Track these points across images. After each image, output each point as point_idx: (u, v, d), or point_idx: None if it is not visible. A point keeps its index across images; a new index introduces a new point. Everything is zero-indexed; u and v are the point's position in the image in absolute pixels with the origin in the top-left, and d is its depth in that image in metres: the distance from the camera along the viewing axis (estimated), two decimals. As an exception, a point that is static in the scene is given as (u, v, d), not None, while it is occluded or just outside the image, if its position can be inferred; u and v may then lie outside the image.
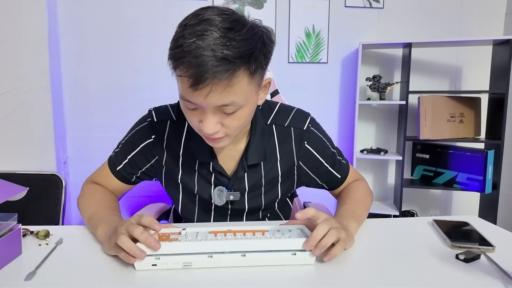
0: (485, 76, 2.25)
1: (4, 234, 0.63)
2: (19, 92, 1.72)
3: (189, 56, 0.61)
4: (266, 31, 0.70)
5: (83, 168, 2.14)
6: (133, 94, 2.15)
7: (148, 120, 0.88)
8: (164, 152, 0.87)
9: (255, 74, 0.67)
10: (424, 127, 2.13)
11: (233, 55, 0.61)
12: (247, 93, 0.68)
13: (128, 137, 0.91)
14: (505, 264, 0.61)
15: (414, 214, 2.39)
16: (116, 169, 0.90)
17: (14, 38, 1.70)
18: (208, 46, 0.61)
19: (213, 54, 0.61)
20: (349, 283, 0.58)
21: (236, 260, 0.61)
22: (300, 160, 0.89)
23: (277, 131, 0.87)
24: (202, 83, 0.62)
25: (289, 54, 2.28)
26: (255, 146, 0.83)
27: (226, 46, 0.61)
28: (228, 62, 0.61)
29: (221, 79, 0.62)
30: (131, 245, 0.60)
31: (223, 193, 0.86)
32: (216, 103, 0.65)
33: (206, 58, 0.60)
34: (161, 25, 2.13)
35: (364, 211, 0.86)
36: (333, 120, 2.38)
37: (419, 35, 2.30)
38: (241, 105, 0.68)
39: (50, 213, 1.45)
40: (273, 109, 0.89)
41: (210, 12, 0.65)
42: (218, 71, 0.61)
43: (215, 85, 0.62)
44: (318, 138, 0.90)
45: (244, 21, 0.66)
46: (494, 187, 2.13)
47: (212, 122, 0.68)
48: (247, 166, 0.85)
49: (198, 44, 0.61)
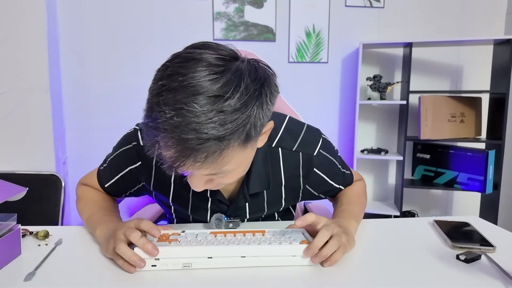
0: (486, 76, 2.24)
1: (3, 235, 0.63)
2: (19, 92, 1.72)
3: (165, 135, 0.51)
4: (267, 79, 0.57)
5: (83, 168, 2.12)
6: (132, 94, 2.15)
7: (133, 144, 0.77)
8: (152, 178, 0.79)
9: (250, 140, 0.57)
10: (425, 127, 2.12)
11: (221, 135, 0.51)
12: (240, 160, 0.59)
13: (113, 156, 0.82)
14: (506, 264, 0.61)
15: (414, 214, 2.39)
16: (105, 186, 0.86)
17: (14, 38, 1.70)
18: (189, 125, 0.50)
19: (195, 136, 0.50)
20: (349, 283, 0.57)
21: (235, 261, 0.61)
22: (307, 184, 0.83)
23: (283, 155, 0.78)
24: (182, 167, 0.54)
25: (289, 54, 2.27)
26: (257, 174, 0.75)
27: (212, 122, 0.50)
28: (215, 143, 0.51)
29: (205, 162, 0.53)
30: (131, 254, 0.58)
31: (222, 222, 0.77)
32: (202, 173, 0.58)
33: (186, 141, 0.50)
34: (161, 25, 2.13)
35: (361, 210, 0.85)
36: (333, 120, 2.38)
37: (419, 35, 2.30)
38: (234, 169, 0.60)
39: (49, 213, 1.45)
40: (279, 130, 0.78)
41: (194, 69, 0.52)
42: (201, 154, 0.51)
43: (197, 168, 0.54)
44: (328, 161, 0.83)
45: (238, 79, 0.52)
46: (495, 187, 2.12)
47: (200, 184, 0.61)
48: (249, 196, 0.77)
49: (177, 122, 0.50)
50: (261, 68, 0.58)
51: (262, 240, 0.64)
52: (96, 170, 0.90)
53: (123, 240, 0.61)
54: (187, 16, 2.14)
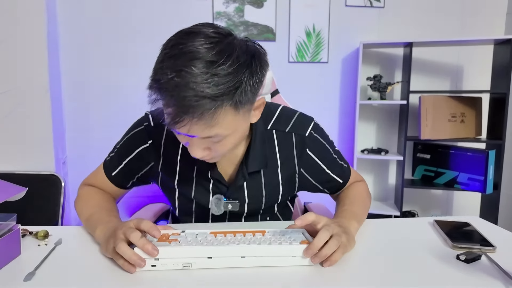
0: (486, 75, 2.24)
1: (3, 235, 0.63)
2: (19, 92, 1.72)
3: (167, 94, 0.59)
4: (257, 53, 0.65)
5: (82, 168, 2.13)
6: (132, 94, 2.15)
7: (145, 124, 0.84)
8: (161, 158, 0.85)
9: (242, 106, 0.64)
10: (425, 127, 2.12)
11: (215, 94, 0.58)
12: (233, 125, 0.65)
13: (123, 141, 0.88)
14: (506, 264, 0.61)
15: (415, 214, 2.39)
16: (112, 175, 0.89)
17: (13, 38, 1.70)
18: (187, 84, 0.58)
19: (193, 94, 0.58)
20: (349, 283, 0.57)
21: (235, 261, 0.61)
22: (302, 167, 0.87)
23: (277, 137, 0.84)
24: (180, 122, 0.61)
25: (289, 54, 2.27)
26: (255, 153, 0.81)
27: (207, 83, 0.58)
28: (210, 101, 0.59)
29: (201, 118, 0.60)
30: (131, 254, 0.59)
31: (221, 201, 0.83)
32: (200, 135, 0.64)
33: (184, 98, 0.58)
34: (161, 25, 2.13)
35: (364, 211, 0.85)
36: (333, 120, 2.38)
37: (420, 35, 2.30)
38: (228, 135, 0.66)
39: (49, 213, 1.45)
40: (274, 114, 0.85)
41: (193, 40, 0.60)
42: (197, 111, 0.59)
43: (195, 124, 0.61)
44: (320, 144, 0.87)
45: (230, 50, 0.61)
46: (495, 187, 2.12)
47: (199, 149, 0.68)
48: (248, 174, 0.82)
49: (177, 81, 0.58)
50: (252, 45, 0.66)
51: (262, 240, 0.64)
52: (99, 167, 0.92)
53: (123, 240, 0.61)
54: (187, 16, 2.14)
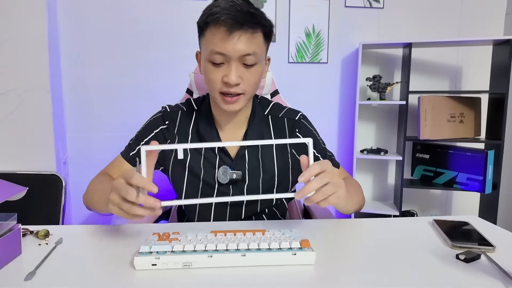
0: (485, 76, 2.25)
1: (3, 234, 0.63)
2: (19, 92, 1.73)
3: (224, 10, 0.78)
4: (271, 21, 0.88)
5: (83, 168, 2.14)
6: (133, 94, 2.15)
7: (162, 111, 0.99)
8: (176, 137, 0.96)
9: (266, 39, 0.85)
10: (424, 127, 2.13)
11: (256, 14, 0.81)
12: (262, 51, 0.84)
13: (143, 127, 0.99)
14: (506, 264, 0.61)
15: (414, 214, 2.39)
16: (130, 155, 0.96)
17: (14, 38, 1.70)
18: (238, 5, 0.79)
19: (244, 9, 0.79)
20: (349, 283, 0.58)
21: (236, 260, 0.61)
22: (293, 147, 0.98)
23: (272, 121, 0.99)
24: (235, 30, 0.77)
25: (289, 54, 2.28)
26: (254, 129, 0.95)
27: (251, 7, 0.81)
28: (254, 18, 0.80)
29: (247, 30, 0.78)
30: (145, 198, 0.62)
31: (227, 171, 0.93)
32: (243, 51, 0.79)
33: (238, 12, 0.78)
34: (161, 25, 2.14)
35: (357, 198, 0.89)
36: (333, 120, 2.38)
37: (419, 35, 2.30)
38: (258, 60, 0.83)
39: (50, 213, 1.45)
40: (269, 104, 1.03)
41: None
42: (246, 22, 0.78)
43: (243, 35, 0.78)
44: (308, 129, 1.00)
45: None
46: (494, 187, 2.13)
47: (236, 73, 0.81)
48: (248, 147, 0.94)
49: (232, 3, 0.79)
50: None
51: (262, 239, 0.65)
52: (115, 158, 0.98)
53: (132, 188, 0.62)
54: (188, 17, 2.14)
